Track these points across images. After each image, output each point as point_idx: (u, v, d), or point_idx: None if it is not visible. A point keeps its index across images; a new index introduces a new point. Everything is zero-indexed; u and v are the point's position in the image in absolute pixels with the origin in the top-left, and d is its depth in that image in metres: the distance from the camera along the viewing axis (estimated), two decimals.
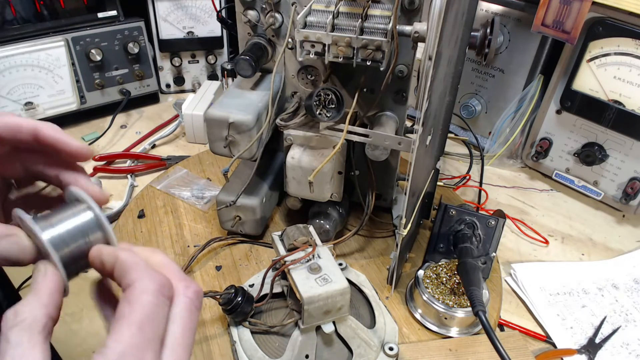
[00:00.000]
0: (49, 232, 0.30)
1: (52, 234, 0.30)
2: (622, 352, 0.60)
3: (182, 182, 0.83)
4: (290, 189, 0.65)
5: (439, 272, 0.62)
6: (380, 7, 0.56)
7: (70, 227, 0.30)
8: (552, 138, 0.87)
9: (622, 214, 0.84)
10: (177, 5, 1.04)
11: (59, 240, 0.30)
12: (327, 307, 0.50)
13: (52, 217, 0.31)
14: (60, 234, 0.30)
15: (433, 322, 0.60)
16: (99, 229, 0.31)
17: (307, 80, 0.67)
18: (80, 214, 0.31)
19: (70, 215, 0.31)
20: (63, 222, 0.30)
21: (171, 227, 0.74)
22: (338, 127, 0.60)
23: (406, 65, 0.61)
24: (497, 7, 0.87)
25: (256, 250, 0.71)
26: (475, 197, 0.87)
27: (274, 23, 0.63)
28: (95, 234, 0.31)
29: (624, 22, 0.73)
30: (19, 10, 0.90)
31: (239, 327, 0.57)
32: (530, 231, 0.79)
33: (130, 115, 1.06)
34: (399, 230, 0.57)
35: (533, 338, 0.62)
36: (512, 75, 0.90)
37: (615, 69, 0.76)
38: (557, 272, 0.71)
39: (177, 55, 1.09)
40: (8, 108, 0.90)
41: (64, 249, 0.30)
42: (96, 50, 0.95)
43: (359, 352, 0.54)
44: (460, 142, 1.01)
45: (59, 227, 0.30)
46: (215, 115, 0.61)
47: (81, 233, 0.31)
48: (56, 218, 0.31)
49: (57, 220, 0.30)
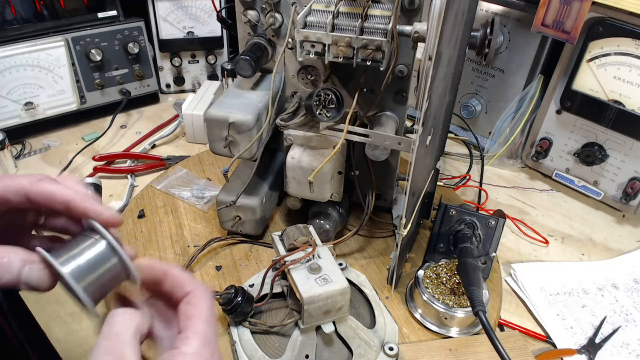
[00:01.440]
0: (69, 265, 0.32)
1: (72, 267, 0.32)
2: (622, 352, 0.60)
3: (182, 182, 0.83)
4: (290, 189, 0.65)
5: (439, 272, 0.62)
6: (380, 7, 0.56)
7: (88, 258, 0.33)
8: (552, 138, 0.87)
9: (622, 214, 0.84)
10: (177, 5, 1.04)
11: (78, 271, 0.33)
12: (327, 307, 0.50)
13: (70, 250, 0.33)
14: (80, 266, 0.33)
15: (433, 322, 0.60)
16: (115, 255, 0.34)
17: (307, 80, 0.67)
18: (95, 244, 0.34)
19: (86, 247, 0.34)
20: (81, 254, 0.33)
21: (171, 227, 0.74)
22: (338, 127, 0.60)
23: (406, 65, 0.61)
24: (497, 7, 0.87)
25: (256, 250, 0.71)
26: (475, 197, 0.87)
27: (274, 23, 0.63)
28: (111, 261, 0.34)
29: (624, 22, 0.73)
30: (19, 10, 0.90)
31: (239, 327, 0.57)
32: (530, 231, 0.79)
33: (130, 115, 1.06)
34: (399, 230, 0.57)
35: (533, 338, 0.62)
36: (512, 75, 0.90)
37: (615, 69, 0.76)
38: (557, 272, 0.71)
39: (177, 55, 1.09)
40: (8, 108, 0.90)
41: (85, 279, 0.33)
42: (96, 50, 0.95)
43: (359, 352, 0.54)
44: (460, 142, 1.01)
45: (78, 260, 0.33)
46: (215, 115, 0.61)
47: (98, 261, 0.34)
48: (74, 251, 0.33)
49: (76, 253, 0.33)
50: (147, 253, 0.69)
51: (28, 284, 0.32)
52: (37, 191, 0.34)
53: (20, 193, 0.34)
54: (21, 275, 0.32)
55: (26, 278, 0.32)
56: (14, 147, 0.93)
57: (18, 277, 0.32)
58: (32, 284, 0.32)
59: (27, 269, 0.32)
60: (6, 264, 0.32)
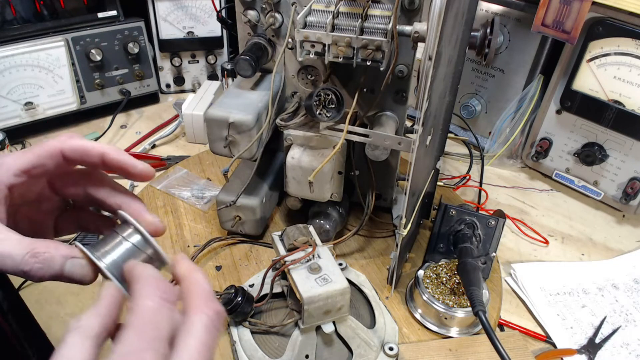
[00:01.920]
0: (106, 259, 0.34)
1: (109, 260, 0.34)
2: (622, 352, 0.60)
3: (182, 182, 0.83)
4: (290, 189, 0.65)
5: (439, 272, 0.62)
6: (380, 7, 0.56)
7: (123, 250, 0.34)
8: (552, 138, 0.87)
9: (622, 214, 0.84)
10: (177, 5, 1.04)
11: (115, 265, 0.34)
12: (327, 307, 0.50)
13: (107, 244, 0.34)
14: (115, 260, 0.34)
15: (433, 322, 0.60)
16: (149, 247, 0.35)
17: (307, 80, 0.67)
18: (131, 237, 0.35)
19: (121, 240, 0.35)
20: (117, 247, 0.34)
21: (171, 227, 0.74)
22: (338, 127, 0.59)
23: (406, 65, 0.61)
24: (497, 7, 0.87)
25: (256, 250, 0.71)
26: (475, 197, 0.87)
27: (274, 23, 0.63)
28: (146, 252, 0.35)
29: (624, 22, 0.73)
30: (19, 10, 0.90)
31: (239, 327, 0.57)
32: (530, 231, 0.79)
33: (130, 115, 1.06)
34: (399, 230, 0.57)
35: (533, 338, 0.62)
36: (512, 75, 0.90)
37: (615, 69, 0.76)
38: (557, 272, 0.71)
39: (177, 55, 1.09)
40: (8, 108, 0.90)
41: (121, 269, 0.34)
42: (96, 50, 0.95)
43: (359, 352, 0.54)
44: (460, 142, 1.01)
45: (113, 253, 0.34)
46: (215, 115, 0.61)
47: (133, 254, 0.35)
48: (110, 245, 0.34)
49: (111, 247, 0.34)
50: None
51: (71, 278, 0.33)
52: (71, 147, 0.35)
53: (55, 154, 0.35)
54: (64, 270, 0.33)
55: (69, 272, 0.33)
56: (14, 147, 0.93)
57: (61, 271, 0.33)
58: (76, 277, 0.33)
59: (69, 264, 0.33)
60: (48, 259, 0.32)
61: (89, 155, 0.36)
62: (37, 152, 0.35)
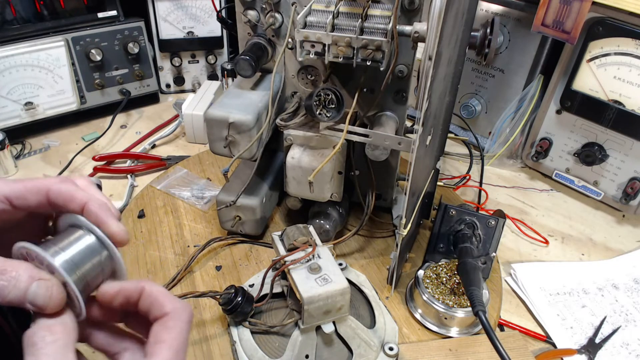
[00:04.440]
0: (60, 257, 0.31)
1: (63, 258, 0.32)
2: (622, 352, 0.60)
3: (182, 182, 0.83)
4: (290, 189, 0.65)
5: (439, 272, 0.63)
6: (380, 7, 0.56)
7: (78, 250, 0.33)
8: (552, 138, 0.87)
9: (622, 214, 0.84)
10: (177, 5, 1.04)
11: (71, 264, 0.32)
12: (327, 307, 0.50)
13: (59, 242, 0.32)
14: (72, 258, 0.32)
15: (433, 322, 0.60)
16: (103, 248, 0.33)
17: (307, 80, 0.67)
18: (84, 237, 0.33)
19: (74, 239, 0.33)
20: (71, 246, 0.32)
21: (171, 227, 0.74)
22: (338, 127, 0.60)
23: (406, 65, 0.61)
24: (497, 7, 0.87)
25: (256, 250, 0.71)
26: (475, 197, 0.87)
27: (274, 23, 0.63)
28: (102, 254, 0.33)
29: (624, 22, 0.73)
30: (19, 10, 0.90)
31: (239, 327, 0.57)
32: (530, 231, 0.79)
33: (130, 115, 1.06)
34: (399, 230, 0.57)
35: (533, 338, 0.62)
36: (512, 75, 0.90)
37: (615, 69, 0.76)
38: (557, 272, 0.71)
39: (177, 55, 1.09)
40: (8, 108, 0.90)
41: (76, 272, 0.32)
42: (96, 50, 0.95)
43: (359, 352, 0.54)
44: (460, 142, 1.01)
45: (68, 251, 0.32)
46: (215, 115, 0.61)
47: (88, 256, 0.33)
48: (63, 243, 0.32)
49: (65, 245, 0.32)
50: (147, 253, 0.69)
51: (34, 303, 0.30)
52: (59, 191, 0.34)
53: (42, 192, 0.34)
54: (28, 292, 0.30)
55: (33, 295, 0.30)
56: (14, 147, 0.93)
57: (25, 294, 0.30)
58: (39, 302, 0.30)
59: (34, 284, 0.30)
60: (15, 277, 0.30)
61: (72, 201, 0.34)
62: (26, 185, 0.34)
